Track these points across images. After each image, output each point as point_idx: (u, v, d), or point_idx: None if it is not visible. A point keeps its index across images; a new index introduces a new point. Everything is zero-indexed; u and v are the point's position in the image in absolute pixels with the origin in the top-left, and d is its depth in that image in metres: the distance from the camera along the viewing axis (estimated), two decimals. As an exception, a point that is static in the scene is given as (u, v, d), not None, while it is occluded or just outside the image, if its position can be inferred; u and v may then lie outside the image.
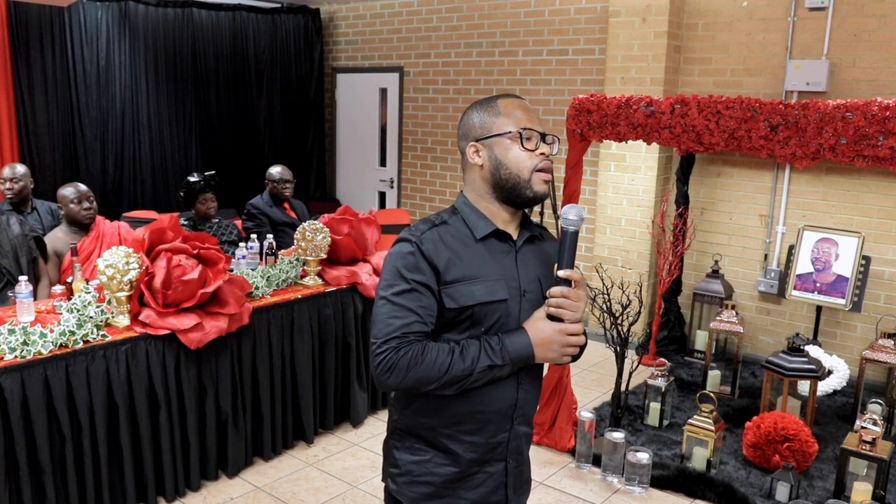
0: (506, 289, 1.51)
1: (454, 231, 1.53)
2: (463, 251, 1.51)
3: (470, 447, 1.54)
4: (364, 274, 3.89)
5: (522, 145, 1.51)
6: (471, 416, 1.52)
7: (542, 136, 1.53)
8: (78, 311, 2.85)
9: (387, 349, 1.43)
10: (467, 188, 1.60)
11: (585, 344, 1.55)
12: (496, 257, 1.54)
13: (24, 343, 2.66)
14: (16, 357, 2.63)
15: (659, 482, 3.38)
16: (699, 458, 3.40)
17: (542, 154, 1.52)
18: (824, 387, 4.27)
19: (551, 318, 1.49)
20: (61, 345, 2.75)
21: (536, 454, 3.69)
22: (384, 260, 1.53)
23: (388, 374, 1.43)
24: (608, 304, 3.77)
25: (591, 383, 4.68)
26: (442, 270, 1.47)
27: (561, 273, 1.48)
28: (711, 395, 3.44)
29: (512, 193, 1.53)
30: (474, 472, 1.56)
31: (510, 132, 1.51)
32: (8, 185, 4.25)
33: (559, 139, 1.61)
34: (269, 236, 3.95)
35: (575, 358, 1.55)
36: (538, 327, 1.48)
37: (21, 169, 4.31)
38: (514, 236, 1.59)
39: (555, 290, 1.48)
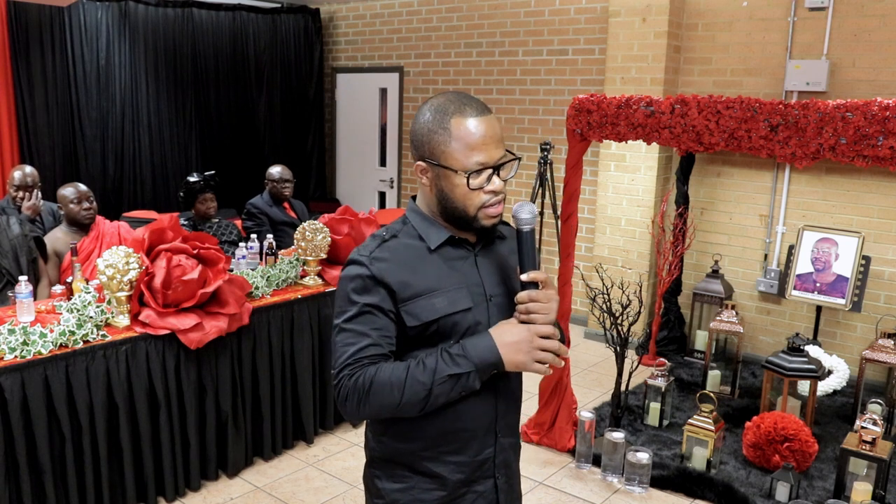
0: (469, 297, 1.41)
1: (406, 244, 1.42)
2: (417, 264, 1.40)
3: (456, 468, 1.45)
4: (364, 274, 3.88)
5: (469, 185, 1.36)
6: (452, 434, 1.43)
7: (496, 169, 1.38)
8: (78, 311, 2.85)
9: (341, 377, 1.35)
10: (419, 195, 1.48)
11: (567, 347, 1.43)
12: (454, 265, 1.43)
13: (24, 343, 2.66)
14: (16, 357, 2.63)
15: (659, 482, 3.38)
16: (699, 458, 3.40)
17: (492, 192, 1.38)
18: (824, 387, 4.26)
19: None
20: (61, 345, 2.75)
21: (536, 454, 3.69)
22: (338, 282, 1.44)
23: (346, 403, 1.35)
24: (608, 304, 3.77)
25: (591, 383, 4.68)
26: (397, 289, 1.37)
27: (524, 277, 1.38)
28: (711, 395, 3.44)
29: (460, 222, 1.42)
30: (463, 493, 1.47)
31: (457, 170, 1.36)
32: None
33: (520, 159, 1.46)
34: (269, 236, 3.95)
35: (555, 367, 1.40)
36: (503, 329, 1.36)
37: (31, 172, 4.21)
38: (473, 240, 1.47)
39: (521, 295, 1.37)
